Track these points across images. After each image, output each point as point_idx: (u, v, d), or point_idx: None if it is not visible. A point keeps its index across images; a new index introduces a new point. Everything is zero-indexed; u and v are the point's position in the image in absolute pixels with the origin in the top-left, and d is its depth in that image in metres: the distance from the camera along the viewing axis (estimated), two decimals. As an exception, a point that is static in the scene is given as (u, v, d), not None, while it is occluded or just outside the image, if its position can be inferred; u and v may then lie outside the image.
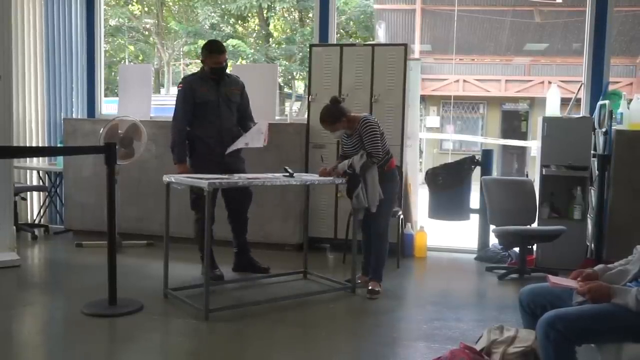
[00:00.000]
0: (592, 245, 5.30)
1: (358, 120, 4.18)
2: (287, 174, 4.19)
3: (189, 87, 4.45)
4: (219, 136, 4.43)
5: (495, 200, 5.21)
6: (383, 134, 4.22)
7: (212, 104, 4.44)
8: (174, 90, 17.60)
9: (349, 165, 4.15)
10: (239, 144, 4.43)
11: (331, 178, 4.34)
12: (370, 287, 4.25)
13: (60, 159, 6.32)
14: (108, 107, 7.26)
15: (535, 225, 5.21)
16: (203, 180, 3.63)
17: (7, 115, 4.92)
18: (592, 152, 5.26)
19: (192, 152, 4.49)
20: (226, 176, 4.04)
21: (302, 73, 15.68)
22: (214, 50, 4.47)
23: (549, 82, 14.93)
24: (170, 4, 17.76)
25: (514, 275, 4.90)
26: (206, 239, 3.73)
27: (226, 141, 4.42)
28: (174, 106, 4.53)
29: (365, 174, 4.12)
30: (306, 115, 5.88)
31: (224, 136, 4.43)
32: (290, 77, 17.23)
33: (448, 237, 6.38)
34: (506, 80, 17.50)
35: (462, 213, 5.77)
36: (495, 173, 6.89)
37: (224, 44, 5.00)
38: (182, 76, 5.90)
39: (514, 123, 17.82)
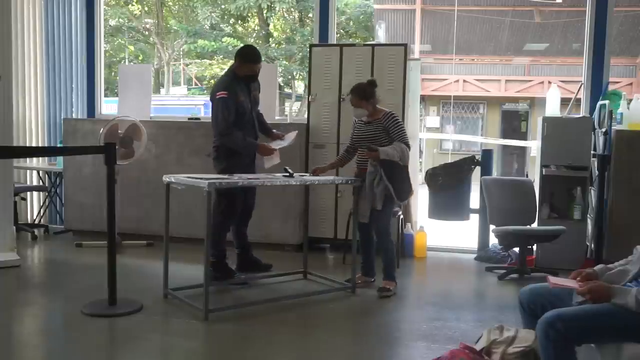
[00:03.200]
0: (592, 245, 5.30)
1: (382, 112, 4.28)
2: (287, 174, 4.19)
3: (234, 96, 4.29)
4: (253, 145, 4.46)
5: (495, 200, 5.21)
6: None
7: (248, 114, 4.43)
8: (174, 90, 17.72)
9: (399, 157, 4.18)
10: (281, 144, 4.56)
11: (331, 178, 4.35)
12: (382, 285, 4.27)
13: (60, 159, 6.32)
14: (108, 107, 7.26)
15: (535, 225, 5.21)
16: (203, 180, 3.63)
17: (7, 115, 4.92)
18: (592, 152, 5.26)
19: (229, 156, 4.41)
20: (226, 176, 4.04)
21: (302, 73, 15.69)
22: (250, 60, 4.37)
23: (549, 82, 14.92)
24: (170, 4, 17.76)
25: (514, 275, 4.90)
26: (206, 238, 3.71)
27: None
28: (218, 116, 4.29)
29: (394, 169, 4.16)
30: (306, 115, 5.88)
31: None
32: (290, 77, 17.24)
33: (448, 237, 6.38)
34: (506, 80, 17.50)
35: (462, 213, 5.77)
36: (495, 173, 6.89)
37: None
38: (182, 76, 5.91)
39: (513, 123, 17.81)
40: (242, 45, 6.23)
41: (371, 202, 4.21)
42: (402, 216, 5.42)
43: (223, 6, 16.61)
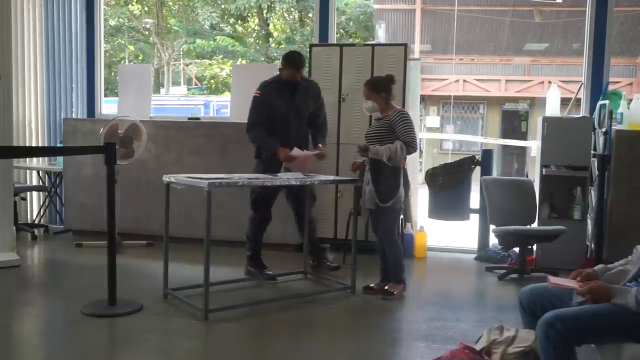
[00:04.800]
0: (592, 245, 5.30)
1: (392, 109, 4.13)
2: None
3: (266, 97, 4.45)
4: (283, 145, 4.43)
5: (495, 200, 5.21)
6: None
7: (280, 117, 4.47)
8: (174, 90, 17.75)
9: (388, 157, 4.00)
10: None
11: (331, 178, 4.33)
12: (386, 287, 4.19)
13: (60, 159, 6.32)
14: (108, 107, 7.26)
15: (535, 225, 5.21)
16: (203, 180, 3.63)
17: (7, 116, 4.92)
18: (592, 152, 5.26)
19: (260, 156, 4.53)
20: (226, 176, 4.04)
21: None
22: (290, 65, 4.46)
23: (549, 82, 14.92)
24: (170, 3, 17.76)
25: (514, 275, 4.90)
26: (206, 238, 3.71)
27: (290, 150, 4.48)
28: (249, 113, 4.51)
29: (379, 169, 4.04)
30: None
31: (287, 146, 4.44)
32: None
33: (448, 237, 6.38)
34: (506, 80, 17.50)
35: (462, 213, 5.77)
36: (495, 173, 6.89)
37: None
38: (182, 76, 5.94)
39: (514, 123, 17.81)
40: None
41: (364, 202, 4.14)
42: (402, 216, 5.42)
43: (223, 6, 16.62)
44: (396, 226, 4.29)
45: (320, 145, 4.63)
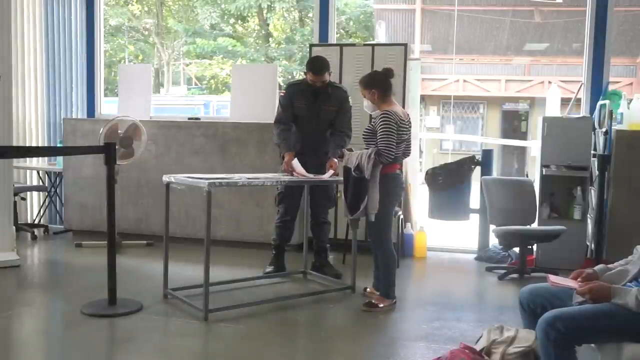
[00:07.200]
0: (592, 245, 5.30)
1: (383, 108, 3.81)
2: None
3: (288, 97, 4.61)
4: (301, 147, 4.56)
5: (495, 200, 5.21)
6: (399, 135, 3.78)
7: (302, 118, 4.60)
8: (174, 90, 17.74)
9: (355, 165, 3.76)
10: None
11: (331, 177, 4.33)
12: (372, 300, 3.97)
13: (60, 159, 6.32)
14: (108, 107, 7.26)
15: (535, 225, 5.21)
16: (203, 180, 3.63)
17: (7, 115, 4.92)
18: (592, 152, 5.26)
19: (300, 153, 4.56)
20: (227, 175, 4.04)
21: (302, 73, 15.68)
22: (310, 69, 4.51)
23: (549, 82, 14.92)
24: (170, 3, 17.75)
25: (514, 275, 4.90)
26: (206, 238, 3.71)
27: (307, 153, 4.53)
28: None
29: (347, 179, 3.85)
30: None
31: (304, 149, 4.56)
32: (290, 77, 17.25)
33: (448, 237, 6.38)
34: (506, 80, 17.49)
35: (462, 213, 5.77)
36: (495, 173, 6.89)
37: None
38: (182, 76, 5.95)
39: (514, 123, 17.82)
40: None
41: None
42: (402, 216, 5.42)
43: (223, 6, 16.61)
44: (384, 236, 3.92)
45: (333, 160, 4.51)
